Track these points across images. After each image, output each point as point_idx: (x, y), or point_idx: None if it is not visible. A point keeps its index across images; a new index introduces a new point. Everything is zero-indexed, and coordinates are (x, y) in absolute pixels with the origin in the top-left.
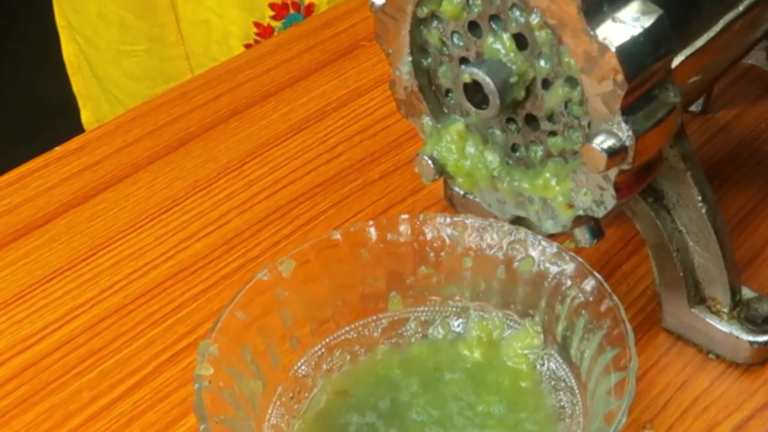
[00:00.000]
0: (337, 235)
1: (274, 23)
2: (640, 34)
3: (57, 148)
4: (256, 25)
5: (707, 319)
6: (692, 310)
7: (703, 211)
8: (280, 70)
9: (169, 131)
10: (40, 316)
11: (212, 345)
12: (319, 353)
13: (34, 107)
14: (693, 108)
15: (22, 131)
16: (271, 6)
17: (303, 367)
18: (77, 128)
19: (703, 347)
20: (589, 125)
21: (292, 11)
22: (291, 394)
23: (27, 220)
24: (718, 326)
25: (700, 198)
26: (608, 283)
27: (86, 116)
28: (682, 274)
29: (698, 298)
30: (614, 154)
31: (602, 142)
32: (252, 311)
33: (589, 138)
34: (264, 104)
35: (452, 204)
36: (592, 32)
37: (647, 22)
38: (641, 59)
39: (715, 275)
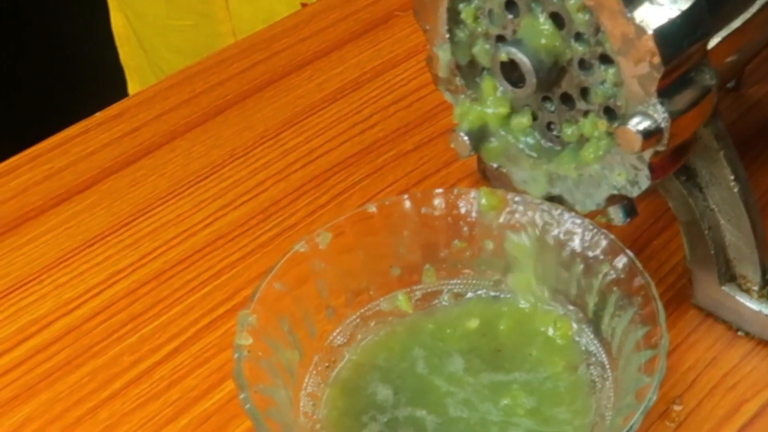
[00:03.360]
0: (373, 208)
1: None
2: (678, 17)
3: (97, 114)
4: (303, 6)
5: (737, 297)
6: (722, 287)
7: (735, 190)
8: (316, 39)
9: (207, 99)
10: (81, 281)
11: (251, 315)
12: (354, 324)
13: (83, 77)
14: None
15: (71, 100)
16: None
17: (338, 338)
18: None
19: (732, 324)
20: (624, 106)
21: None
22: (327, 364)
23: (68, 185)
24: (748, 304)
25: (732, 177)
26: (639, 258)
27: (133, 87)
28: (713, 251)
29: (729, 275)
30: (649, 135)
31: (638, 124)
32: (289, 282)
33: (624, 119)
34: (300, 73)
35: (485, 176)
36: (629, 14)
37: (684, 4)
38: (678, 42)
39: (745, 253)
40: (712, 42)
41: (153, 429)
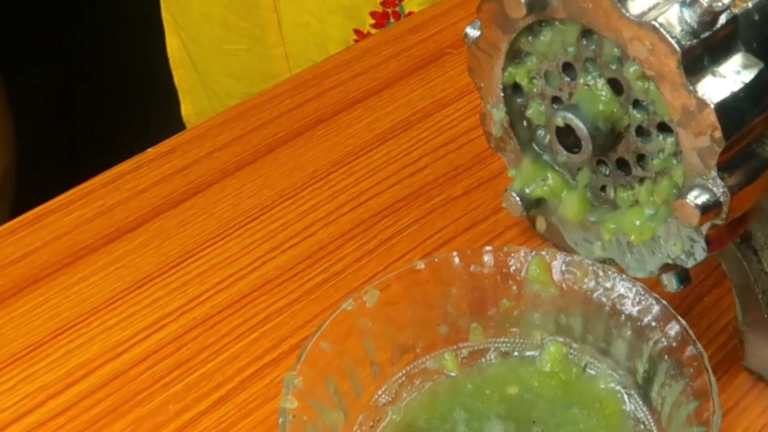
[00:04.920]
0: (421, 265)
1: (374, 31)
2: (741, 90)
3: (149, 150)
4: (356, 32)
5: None
6: None
7: None
8: (367, 77)
9: (258, 137)
10: (129, 324)
11: (297, 377)
12: (399, 382)
13: (138, 99)
14: None
15: (127, 121)
16: (372, 14)
17: (383, 396)
18: (178, 120)
19: None
20: (682, 176)
21: (392, 20)
22: (371, 423)
23: (119, 224)
24: None
25: None
26: (690, 316)
27: (186, 109)
28: (766, 316)
29: None
30: (708, 210)
31: (696, 198)
32: (335, 340)
33: (682, 192)
34: (350, 112)
35: (535, 226)
36: (691, 87)
37: (748, 76)
38: (740, 116)
39: None
40: None
41: None
